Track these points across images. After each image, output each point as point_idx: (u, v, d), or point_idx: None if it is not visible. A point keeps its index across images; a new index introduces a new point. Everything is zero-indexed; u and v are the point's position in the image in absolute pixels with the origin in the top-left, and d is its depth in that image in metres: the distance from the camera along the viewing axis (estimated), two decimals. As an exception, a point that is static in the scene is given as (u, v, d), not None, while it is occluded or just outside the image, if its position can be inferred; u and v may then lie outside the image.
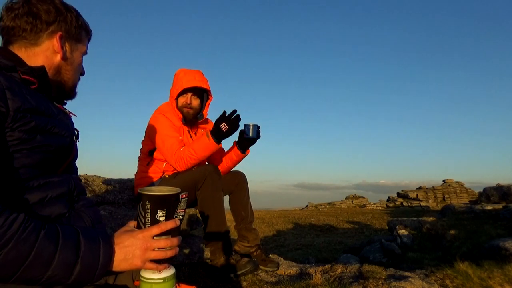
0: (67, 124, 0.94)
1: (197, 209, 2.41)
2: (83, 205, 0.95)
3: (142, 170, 2.32)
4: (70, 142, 0.93)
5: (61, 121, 0.91)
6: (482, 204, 6.70)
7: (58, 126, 0.88)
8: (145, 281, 0.77)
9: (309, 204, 30.58)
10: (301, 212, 22.39)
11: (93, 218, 0.95)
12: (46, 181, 0.84)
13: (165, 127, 2.21)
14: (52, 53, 0.95)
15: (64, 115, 0.96)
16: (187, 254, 2.47)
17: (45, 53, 0.94)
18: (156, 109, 2.35)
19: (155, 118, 2.28)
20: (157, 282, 0.76)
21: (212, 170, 2.09)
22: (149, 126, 2.31)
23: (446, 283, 2.31)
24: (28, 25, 0.90)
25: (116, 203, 2.60)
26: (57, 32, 0.94)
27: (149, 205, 0.76)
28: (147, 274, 0.77)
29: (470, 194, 29.33)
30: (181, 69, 2.34)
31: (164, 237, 0.78)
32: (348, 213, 20.37)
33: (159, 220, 0.77)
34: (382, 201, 31.70)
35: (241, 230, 2.42)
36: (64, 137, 0.90)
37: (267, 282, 2.21)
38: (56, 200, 0.86)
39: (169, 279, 0.78)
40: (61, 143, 0.88)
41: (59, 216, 0.86)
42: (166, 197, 0.78)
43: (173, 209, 0.79)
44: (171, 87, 2.34)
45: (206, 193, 2.08)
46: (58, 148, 0.87)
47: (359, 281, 2.13)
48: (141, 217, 0.77)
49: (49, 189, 0.84)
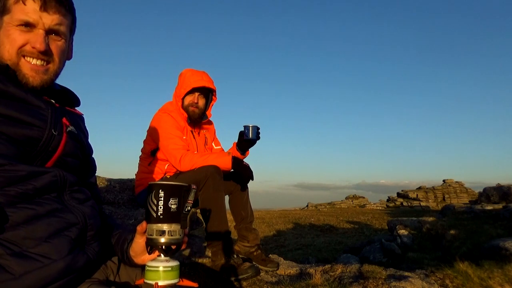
0: (42, 114, 0.89)
1: (198, 209, 2.41)
2: (76, 201, 0.94)
3: (143, 170, 2.32)
4: (46, 135, 0.88)
5: (32, 110, 0.87)
6: (482, 204, 6.70)
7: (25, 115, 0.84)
8: (152, 270, 0.79)
9: (309, 204, 30.58)
10: (301, 212, 22.39)
11: (87, 214, 0.94)
12: (30, 170, 0.83)
13: (169, 126, 2.22)
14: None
15: (46, 106, 0.91)
16: (187, 254, 2.48)
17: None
18: (160, 108, 2.36)
19: (159, 117, 2.27)
20: (164, 270, 0.78)
21: (214, 170, 2.09)
22: (152, 125, 2.31)
23: (446, 283, 2.31)
24: None
25: (116, 203, 2.61)
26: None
27: (162, 193, 0.80)
28: (154, 263, 0.80)
29: (470, 194, 29.34)
30: (188, 69, 2.36)
31: (174, 224, 0.81)
32: (348, 213, 20.36)
33: (171, 207, 0.80)
34: (382, 201, 31.71)
35: (241, 230, 2.43)
36: (34, 127, 0.86)
37: (267, 282, 2.21)
38: (42, 192, 0.85)
39: (175, 269, 0.80)
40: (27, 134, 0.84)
41: (52, 211, 0.85)
42: (178, 186, 0.83)
43: (184, 199, 0.84)
44: (176, 87, 2.35)
45: (207, 194, 2.08)
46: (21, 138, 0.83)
47: (359, 281, 2.13)
48: (153, 206, 0.81)
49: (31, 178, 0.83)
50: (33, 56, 0.89)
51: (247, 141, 2.30)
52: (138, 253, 0.95)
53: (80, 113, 1.11)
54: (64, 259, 0.83)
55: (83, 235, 0.92)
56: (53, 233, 0.83)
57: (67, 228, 0.87)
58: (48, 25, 0.90)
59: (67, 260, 0.83)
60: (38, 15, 0.88)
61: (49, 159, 0.91)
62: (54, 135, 0.91)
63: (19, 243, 0.78)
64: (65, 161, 0.95)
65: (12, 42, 0.87)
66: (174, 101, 2.35)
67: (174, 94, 2.36)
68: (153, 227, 0.81)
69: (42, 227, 0.82)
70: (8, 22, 0.87)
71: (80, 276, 0.89)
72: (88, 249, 0.93)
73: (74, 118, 1.05)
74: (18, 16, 0.87)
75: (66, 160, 0.95)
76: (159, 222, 0.80)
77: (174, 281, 0.79)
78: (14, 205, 0.80)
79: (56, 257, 0.81)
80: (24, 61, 0.89)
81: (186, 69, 2.35)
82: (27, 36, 0.88)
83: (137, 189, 2.35)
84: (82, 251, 0.90)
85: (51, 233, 0.83)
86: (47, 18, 0.89)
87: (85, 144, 1.07)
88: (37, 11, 0.87)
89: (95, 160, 1.16)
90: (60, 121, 0.95)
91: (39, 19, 0.88)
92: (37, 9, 0.87)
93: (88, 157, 1.10)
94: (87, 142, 1.10)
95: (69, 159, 0.97)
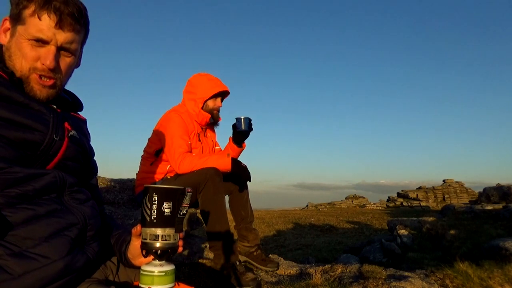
0: (44, 120, 0.90)
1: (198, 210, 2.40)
2: (76, 201, 0.94)
3: (144, 170, 2.32)
4: (47, 139, 0.89)
5: (35, 115, 0.88)
6: (482, 204, 6.70)
7: (28, 119, 0.85)
8: (146, 274, 0.78)
9: (309, 204, 30.59)
10: (301, 212, 22.39)
11: (87, 214, 0.94)
12: (27, 172, 0.83)
13: (177, 126, 2.22)
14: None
15: (48, 111, 0.92)
16: (187, 254, 2.48)
17: None
18: (170, 109, 2.36)
19: (169, 116, 2.28)
20: (158, 275, 0.77)
21: (214, 172, 2.09)
22: (160, 122, 2.31)
23: (446, 283, 2.30)
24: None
25: (116, 203, 2.60)
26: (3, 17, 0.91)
27: (156, 197, 0.78)
28: (149, 267, 0.78)
29: (470, 194, 29.34)
30: (201, 73, 2.39)
31: (168, 229, 0.80)
32: (348, 213, 20.37)
33: (164, 211, 0.79)
34: (382, 201, 31.71)
35: (241, 230, 2.43)
36: (36, 131, 0.87)
37: (267, 282, 2.21)
38: (41, 193, 0.85)
39: (170, 273, 0.79)
40: (28, 138, 0.85)
41: (51, 211, 0.86)
42: (172, 190, 0.81)
43: (178, 202, 0.82)
44: (188, 90, 2.36)
45: (207, 196, 2.07)
46: (22, 142, 0.84)
47: (359, 281, 2.13)
48: (147, 209, 0.79)
49: (31, 180, 0.83)
50: (43, 73, 0.90)
51: (240, 133, 2.33)
52: (135, 255, 0.95)
53: (83, 117, 1.12)
54: (64, 259, 0.83)
55: (83, 235, 0.92)
56: (52, 233, 0.83)
57: (67, 228, 0.87)
58: (61, 42, 0.90)
59: (66, 260, 0.83)
60: (52, 32, 0.88)
61: (49, 163, 0.91)
62: (55, 140, 0.91)
63: (18, 243, 0.79)
64: (65, 164, 0.96)
65: (24, 56, 0.88)
66: (188, 104, 2.34)
67: (188, 98, 2.35)
68: (147, 231, 0.79)
69: (42, 227, 0.82)
70: (22, 34, 0.87)
71: (80, 276, 0.89)
72: (88, 249, 0.93)
73: (77, 122, 1.06)
74: (32, 31, 0.86)
75: (66, 164, 0.96)
76: (153, 226, 0.79)
77: (168, 286, 0.77)
78: (13, 206, 0.80)
79: (55, 257, 0.81)
80: (34, 76, 0.89)
81: (199, 74, 2.38)
82: (38, 51, 0.88)
83: (137, 189, 2.35)
84: (81, 251, 0.90)
85: (50, 233, 0.83)
86: (61, 35, 0.89)
87: (87, 147, 1.08)
88: (52, 28, 0.87)
89: (96, 162, 1.17)
90: (62, 126, 0.95)
91: (52, 36, 0.88)
92: (52, 25, 0.87)
93: (89, 159, 1.11)
94: (89, 145, 1.11)
95: (69, 163, 0.97)
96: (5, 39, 0.91)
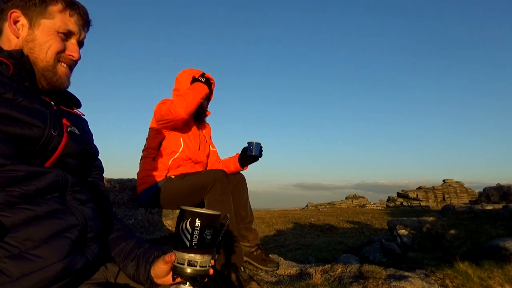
0: (41, 114, 0.89)
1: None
2: (78, 201, 0.94)
3: (146, 168, 2.32)
4: (46, 135, 0.88)
5: (33, 110, 0.88)
6: (482, 204, 6.70)
7: (26, 114, 0.85)
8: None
9: (309, 204, 30.60)
10: (301, 212, 22.40)
11: (87, 215, 0.94)
12: (29, 170, 0.83)
13: (166, 100, 2.24)
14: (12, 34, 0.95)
15: (45, 106, 0.92)
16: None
17: (8, 36, 0.94)
18: None
19: (163, 100, 2.28)
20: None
21: (222, 174, 2.11)
22: (155, 110, 2.29)
23: (446, 283, 2.30)
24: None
25: (116, 203, 2.60)
26: (9, 10, 0.93)
27: (199, 223, 0.77)
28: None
29: (470, 194, 29.36)
30: (184, 69, 2.40)
31: (206, 255, 0.80)
32: (348, 213, 20.37)
33: (206, 238, 0.78)
34: (382, 201, 31.73)
35: (241, 230, 2.42)
36: (34, 126, 0.86)
37: (267, 282, 2.21)
38: (44, 192, 0.85)
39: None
40: (27, 133, 0.84)
41: (52, 212, 0.85)
42: (216, 216, 0.80)
43: (219, 230, 0.81)
44: (177, 87, 2.37)
45: (214, 197, 2.08)
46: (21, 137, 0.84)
47: (359, 281, 2.13)
48: (187, 234, 0.78)
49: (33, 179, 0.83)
50: (67, 62, 0.99)
51: (250, 157, 2.39)
52: (159, 276, 0.94)
53: (81, 114, 1.11)
54: (63, 261, 0.82)
55: (83, 237, 0.92)
56: (52, 235, 0.83)
57: (67, 229, 0.86)
58: (82, 38, 1.03)
59: (65, 262, 0.83)
60: (79, 29, 1.01)
61: (48, 159, 0.90)
62: (53, 135, 0.91)
63: (19, 244, 0.78)
64: (65, 161, 0.95)
65: (53, 46, 0.95)
66: None
67: (175, 95, 2.36)
68: (185, 256, 0.78)
69: (42, 229, 0.81)
70: (50, 27, 0.95)
71: (79, 278, 0.88)
72: (88, 251, 0.92)
73: (75, 119, 1.05)
74: (64, 25, 0.97)
75: (66, 161, 0.95)
76: (193, 252, 0.78)
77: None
78: (14, 206, 0.79)
79: (54, 259, 0.81)
80: (60, 65, 0.98)
81: (183, 70, 2.39)
82: (64, 44, 0.98)
83: (140, 188, 2.34)
84: (81, 253, 0.89)
85: (50, 235, 0.82)
86: (82, 33, 1.03)
87: (91, 145, 1.07)
88: (80, 25, 1.01)
89: (101, 161, 1.17)
90: (60, 122, 0.95)
91: (79, 32, 1.01)
92: (80, 23, 1.01)
93: (93, 158, 1.11)
94: (93, 143, 1.10)
95: (69, 160, 0.96)
96: (18, 32, 0.94)
